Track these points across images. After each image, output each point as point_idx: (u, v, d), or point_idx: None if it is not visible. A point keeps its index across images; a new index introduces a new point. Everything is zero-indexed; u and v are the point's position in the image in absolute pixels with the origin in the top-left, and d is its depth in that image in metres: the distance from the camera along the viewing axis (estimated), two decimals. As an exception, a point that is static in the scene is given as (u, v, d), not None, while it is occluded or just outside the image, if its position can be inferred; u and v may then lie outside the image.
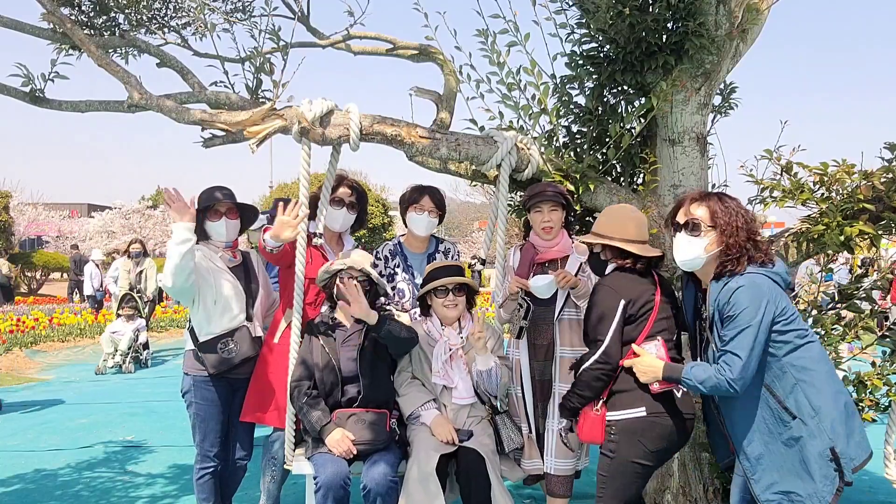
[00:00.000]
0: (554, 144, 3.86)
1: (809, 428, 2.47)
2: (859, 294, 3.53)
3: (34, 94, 3.62)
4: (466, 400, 3.37)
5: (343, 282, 3.30)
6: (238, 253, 3.66)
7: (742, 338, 2.44)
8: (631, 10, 3.37)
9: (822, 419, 2.46)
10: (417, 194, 3.75)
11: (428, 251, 3.84)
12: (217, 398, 3.45)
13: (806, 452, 2.46)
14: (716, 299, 2.54)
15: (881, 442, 3.50)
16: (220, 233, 3.53)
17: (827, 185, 3.26)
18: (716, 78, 3.60)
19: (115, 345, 9.42)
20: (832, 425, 2.46)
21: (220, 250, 3.55)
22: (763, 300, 2.46)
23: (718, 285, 2.55)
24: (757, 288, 2.48)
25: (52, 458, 5.38)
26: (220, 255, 3.54)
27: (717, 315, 2.54)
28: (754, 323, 2.43)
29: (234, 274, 3.54)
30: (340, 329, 3.41)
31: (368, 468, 3.13)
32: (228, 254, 3.58)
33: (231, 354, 3.41)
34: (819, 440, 2.45)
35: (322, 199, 3.55)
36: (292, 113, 3.29)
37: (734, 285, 2.49)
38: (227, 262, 3.55)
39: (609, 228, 2.91)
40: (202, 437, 3.47)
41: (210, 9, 4.18)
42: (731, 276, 2.53)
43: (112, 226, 28.12)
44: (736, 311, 2.45)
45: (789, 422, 2.49)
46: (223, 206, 3.50)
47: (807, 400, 2.48)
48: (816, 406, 2.47)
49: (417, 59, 4.51)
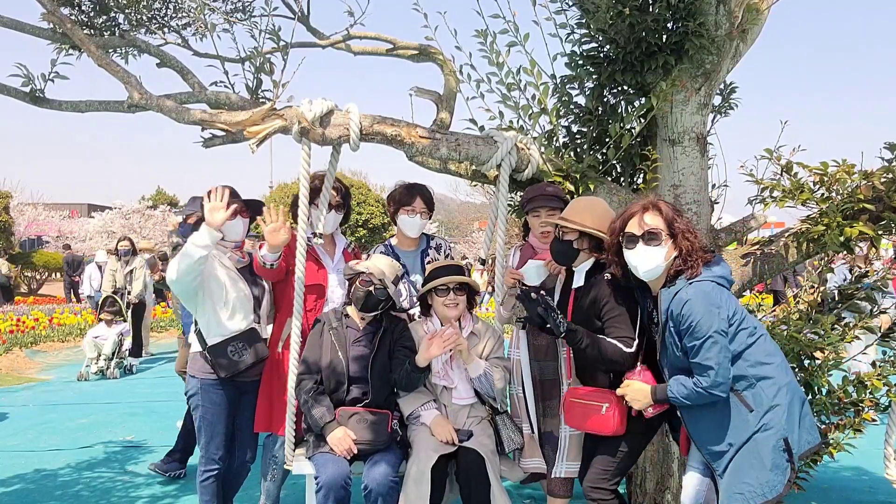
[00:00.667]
0: (554, 144, 3.86)
1: (765, 420, 2.53)
2: (859, 294, 3.53)
3: (34, 94, 3.62)
4: (466, 400, 3.37)
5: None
6: (245, 254, 3.65)
7: (707, 348, 2.49)
8: (631, 10, 3.37)
9: (776, 411, 2.54)
10: (408, 196, 3.75)
11: (420, 248, 3.85)
12: (225, 401, 3.43)
13: (761, 444, 2.53)
14: (667, 309, 2.59)
15: (881, 442, 3.50)
16: (237, 231, 3.52)
17: (827, 185, 3.26)
18: (716, 78, 3.60)
19: (99, 350, 8.97)
20: (786, 416, 2.54)
21: (228, 251, 3.53)
22: (714, 308, 2.51)
23: (669, 294, 2.61)
24: (706, 296, 2.53)
25: (52, 458, 5.38)
26: (228, 256, 3.52)
27: (670, 323, 2.59)
28: (713, 332, 2.49)
29: (242, 275, 3.53)
30: (351, 328, 3.41)
31: (370, 468, 3.13)
32: (237, 254, 3.57)
33: (241, 357, 3.37)
34: (774, 431, 2.52)
35: (322, 201, 3.55)
36: (292, 113, 3.29)
37: (683, 296, 2.54)
38: (236, 262, 3.54)
39: (595, 221, 2.93)
40: (208, 440, 3.45)
41: (210, 9, 4.18)
42: (681, 286, 2.58)
43: (112, 226, 28.08)
44: (693, 323, 2.50)
45: (747, 415, 2.55)
46: (235, 204, 3.47)
47: (762, 393, 2.56)
48: (771, 398, 2.55)
49: (417, 59, 4.51)
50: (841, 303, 3.62)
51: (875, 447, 2.59)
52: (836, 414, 3.48)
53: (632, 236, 2.66)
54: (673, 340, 2.60)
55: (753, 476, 2.52)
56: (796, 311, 3.76)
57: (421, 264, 3.79)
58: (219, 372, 3.36)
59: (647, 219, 2.65)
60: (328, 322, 3.41)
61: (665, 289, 2.64)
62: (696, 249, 2.62)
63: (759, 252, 3.50)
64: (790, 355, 3.42)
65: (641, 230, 2.64)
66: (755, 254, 3.50)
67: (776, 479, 2.51)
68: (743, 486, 2.53)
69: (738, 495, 2.54)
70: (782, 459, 2.52)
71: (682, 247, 2.61)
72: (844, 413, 3.50)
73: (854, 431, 3.44)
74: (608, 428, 2.84)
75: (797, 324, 3.47)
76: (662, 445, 3.61)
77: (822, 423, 3.51)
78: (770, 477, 2.50)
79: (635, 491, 3.79)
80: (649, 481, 3.69)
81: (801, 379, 3.45)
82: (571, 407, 2.98)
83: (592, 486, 2.92)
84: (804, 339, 3.37)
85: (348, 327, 3.41)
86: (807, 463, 3.51)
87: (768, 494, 2.51)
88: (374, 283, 3.30)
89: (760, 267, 3.46)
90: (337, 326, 3.39)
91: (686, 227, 2.65)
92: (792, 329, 3.42)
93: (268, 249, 3.36)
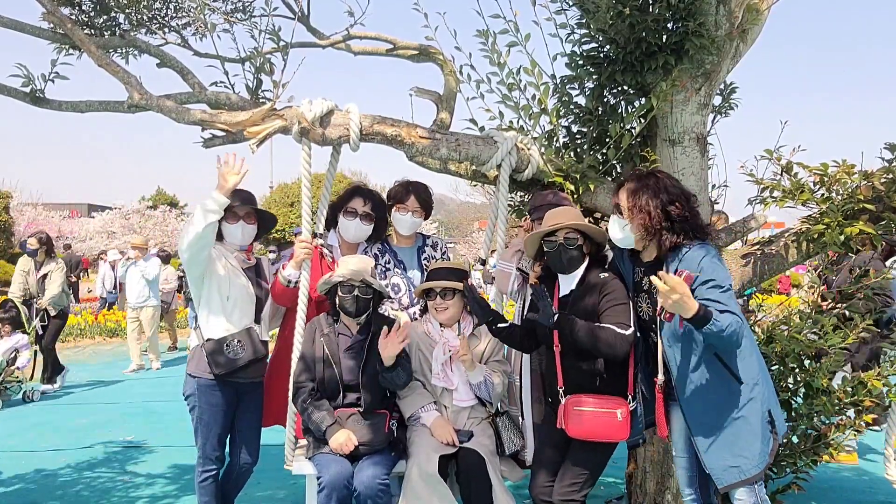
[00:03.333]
0: (554, 145, 3.86)
1: (754, 394, 2.63)
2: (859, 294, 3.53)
3: (34, 94, 3.62)
4: (467, 402, 3.37)
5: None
6: (252, 256, 3.64)
7: (729, 297, 2.56)
8: (631, 10, 3.37)
9: (760, 384, 2.65)
10: (403, 192, 3.74)
11: (416, 245, 3.86)
12: (222, 402, 3.42)
13: (752, 416, 2.62)
14: (676, 269, 2.62)
15: (881, 442, 3.50)
16: (235, 235, 3.49)
17: (827, 185, 3.26)
18: (716, 78, 3.60)
19: None
20: (768, 390, 2.69)
21: (234, 251, 3.53)
22: (723, 265, 2.65)
23: (675, 255, 2.69)
24: (717, 256, 2.67)
25: (52, 458, 5.38)
26: (234, 255, 3.52)
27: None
28: (729, 285, 2.59)
29: (247, 275, 3.53)
30: (343, 335, 3.40)
31: (359, 471, 3.11)
32: (243, 255, 3.57)
33: (237, 356, 3.36)
34: (761, 403, 2.63)
35: (321, 201, 3.55)
36: (292, 113, 3.29)
37: (698, 254, 2.63)
38: (241, 262, 3.54)
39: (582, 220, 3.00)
40: (205, 441, 3.44)
41: (210, 9, 4.17)
42: (688, 247, 2.67)
43: (112, 226, 28.13)
44: (711, 275, 2.57)
45: (738, 388, 2.63)
46: (242, 209, 3.46)
47: (749, 367, 2.65)
48: (756, 372, 2.66)
49: (417, 60, 4.51)
50: (841, 303, 3.62)
51: (875, 447, 2.60)
52: (836, 414, 3.49)
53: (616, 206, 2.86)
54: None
55: (748, 449, 2.60)
56: (797, 311, 3.76)
57: (418, 260, 3.80)
58: (214, 369, 3.34)
59: (619, 194, 2.84)
60: (319, 328, 3.40)
61: (671, 252, 2.71)
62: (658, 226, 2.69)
63: (759, 252, 3.50)
64: (790, 355, 3.43)
65: (614, 203, 2.86)
66: (755, 254, 3.50)
67: (765, 450, 2.62)
68: (739, 458, 2.61)
69: (734, 468, 2.61)
70: (767, 430, 2.63)
71: (642, 224, 2.71)
72: (844, 413, 3.50)
73: (854, 432, 3.45)
74: (622, 435, 2.80)
75: (798, 324, 3.47)
76: (662, 445, 3.61)
77: (822, 423, 3.52)
78: (762, 448, 2.61)
79: (635, 491, 3.79)
80: (649, 481, 3.69)
81: (802, 379, 3.45)
82: (577, 416, 2.85)
83: (564, 499, 2.87)
84: (805, 339, 3.37)
85: (340, 334, 3.39)
86: (807, 463, 3.51)
87: (761, 465, 2.60)
88: (356, 286, 3.29)
89: (760, 267, 3.46)
90: (329, 333, 3.38)
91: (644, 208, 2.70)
92: (793, 329, 3.42)
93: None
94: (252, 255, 3.65)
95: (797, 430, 3.55)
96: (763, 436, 2.61)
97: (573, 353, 2.88)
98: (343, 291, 3.30)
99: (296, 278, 3.43)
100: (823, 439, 3.51)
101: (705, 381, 2.65)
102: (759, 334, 3.54)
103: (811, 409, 3.44)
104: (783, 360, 3.45)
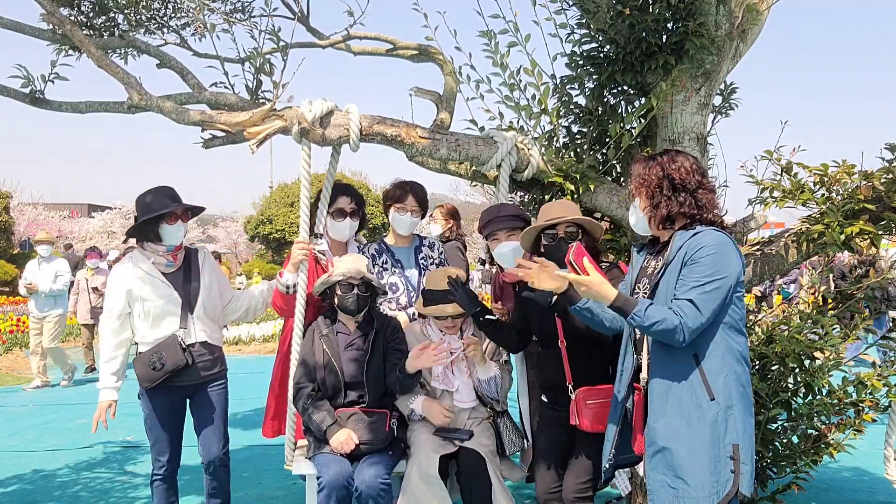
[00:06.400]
0: (554, 145, 3.86)
1: (723, 417, 2.26)
2: (859, 295, 3.53)
3: (34, 95, 3.62)
4: (468, 404, 3.36)
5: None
6: (178, 255, 3.51)
7: (706, 288, 2.24)
8: (631, 10, 3.37)
9: (736, 415, 2.27)
10: (401, 192, 3.75)
11: (413, 244, 3.86)
12: (163, 407, 3.44)
13: (710, 441, 2.25)
14: (680, 246, 2.36)
15: (881, 442, 3.50)
16: (177, 237, 3.43)
17: (827, 185, 3.26)
18: (716, 78, 3.60)
19: None
20: (744, 423, 2.28)
21: (154, 256, 3.43)
22: (733, 254, 2.30)
23: (686, 234, 2.38)
24: (728, 244, 2.33)
25: (51, 458, 5.38)
26: (153, 261, 3.42)
27: (677, 263, 2.35)
28: (717, 277, 2.24)
29: (170, 280, 3.44)
30: (342, 334, 3.40)
31: (360, 470, 3.11)
32: (167, 258, 3.45)
33: (156, 367, 3.33)
34: (725, 430, 2.25)
35: (322, 203, 3.55)
36: (292, 113, 3.28)
37: (702, 239, 2.32)
38: (162, 267, 3.44)
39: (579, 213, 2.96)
40: (152, 443, 3.51)
41: (210, 9, 4.18)
42: (701, 230, 2.36)
43: (112, 226, 28.15)
44: (701, 256, 2.26)
45: (704, 402, 2.26)
46: (179, 209, 3.42)
47: (729, 389, 2.28)
48: (736, 399, 2.28)
49: (417, 60, 4.51)
50: (841, 303, 3.61)
51: (875, 447, 2.58)
52: (836, 414, 3.48)
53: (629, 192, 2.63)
54: (670, 279, 2.36)
55: (692, 475, 2.24)
56: (797, 311, 3.76)
57: (415, 260, 3.80)
58: (143, 382, 3.38)
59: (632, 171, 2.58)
60: (318, 329, 3.41)
61: (683, 230, 2.42)
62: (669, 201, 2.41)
63: (759, 252, 3.49)
64: (791, 356, 3.42)
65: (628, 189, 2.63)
66: (755, 254, 3.50)
67: (715, 487, 2.22)
68: (678, 481, 2.26)
69: (671, 489, 2.28)
70: (725, 466, 2.23)
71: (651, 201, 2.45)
72: (844, 413, 3.50)
73: (854, 432, 3.45)
74: (636, 424, 2.64)
75: (798, 325, 3.47)
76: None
77: (822, 423, 3.51)
78: (710, 480, 2.22)
79: (636, 491, 3.78)
80: (649, 482, 3.69)
81: (802, 379, 3.45)
82: (590, 409, 2.81)
83: (579, 496, 2.85)
84: (805, 339, 3.37)
85: (339, 333, 3.39)
86: (807, 463, 3.51)
87: (701, 501, 2.22)
88: (355, 284, 3.29)
89: (760, 267, 3.46)
90: (328, 333, 3.38)
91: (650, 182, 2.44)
92: (793, 330, 3.42)
93: (288, 271, 3.39)
94: (178, 255, 3.50)
95: (797, 430, 3.55)
96: (715, 467, 2.23)
97: (580, 345, 2.87)
98: (342, 290, 3.30)
99: (294, 282, 3.42)
100: (823, 439, 3.51)
101: (676, 383, 2.33)
102: (759, 334, 3.54)
103: (811, 409, 3.44)
104: (783, 360, 3.45)
